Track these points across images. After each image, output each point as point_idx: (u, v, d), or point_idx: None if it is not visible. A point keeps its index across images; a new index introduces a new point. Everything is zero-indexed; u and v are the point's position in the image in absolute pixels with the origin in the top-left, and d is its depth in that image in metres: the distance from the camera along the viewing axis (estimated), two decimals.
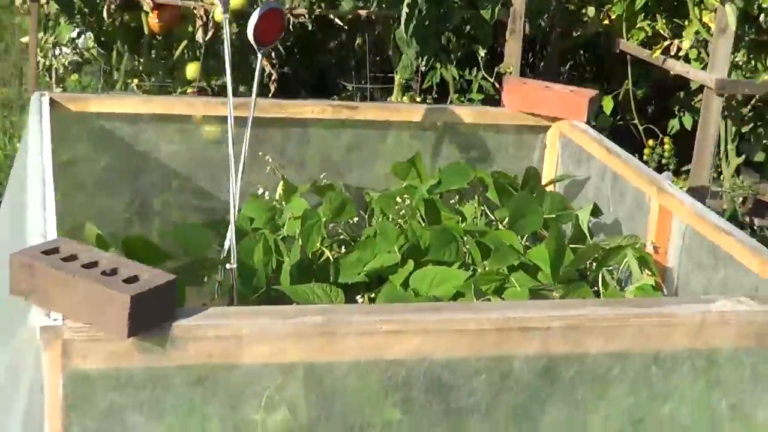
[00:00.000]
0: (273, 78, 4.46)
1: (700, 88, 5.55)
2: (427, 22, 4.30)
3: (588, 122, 3.53)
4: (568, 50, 5.94)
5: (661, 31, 5.50)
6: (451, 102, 4.70)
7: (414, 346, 2.04)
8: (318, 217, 3.05)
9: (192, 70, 4.72)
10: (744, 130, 5.49)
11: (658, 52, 5.04)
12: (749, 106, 5.35)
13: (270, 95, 4.45)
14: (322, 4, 4.58)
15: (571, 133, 3.53)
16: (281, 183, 3.39)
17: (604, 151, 3.32)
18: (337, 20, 4.72)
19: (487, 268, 2.91)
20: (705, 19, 5.16)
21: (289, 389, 1.99)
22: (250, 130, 2.87)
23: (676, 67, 5.02)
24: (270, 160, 3.40)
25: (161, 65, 4.68)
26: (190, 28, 4.61)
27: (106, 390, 1.90)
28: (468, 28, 4.80)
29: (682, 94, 5.98)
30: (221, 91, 4.83)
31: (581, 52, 6.56)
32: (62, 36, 4.61)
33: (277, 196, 3.37)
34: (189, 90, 4.68)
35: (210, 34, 4.43)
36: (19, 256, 1.92)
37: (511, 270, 2.94)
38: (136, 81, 4.74)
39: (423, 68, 4.49)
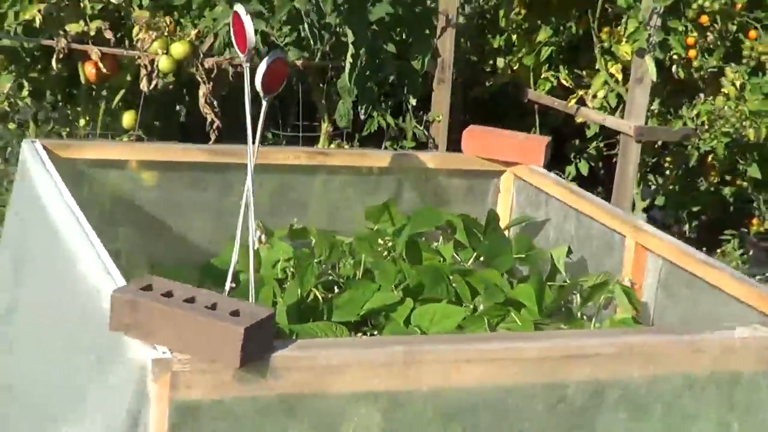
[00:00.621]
0: (215, 126, 4.55)
1: (595, 136, 5.83)
2: (367, 72, 4.46)
3: (543, 166, 3.71)
4: (474, 100, 6.15)
5: (564, 82, 5.75)
6: (385, 148, 4.85)
7: (482, 372, 2.17)
8: (311, 260, 3.16)
9: (128, 118, 4.77)
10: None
11: (573, 101, 5.28)
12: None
13: (211, 143, 4.53)
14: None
15: (529, 177, 3.70)
16: (256, 227, 3.48)
17: (569, 193, 3.50)
18: None
19: (481, 306, 3.05)
20: (612, 69, 5.43)
21: (374, 415, 2.09)
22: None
23: (591, 115, 5.26)
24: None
25: (98, 113, 4.72)
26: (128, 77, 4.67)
27: (210, 419, 1.98)
28: (392, 78, 4.95)
29: (577, 141, 6.24)
30: (149, 140, 4.88)
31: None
32: (2, 85, 4.61)
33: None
34: (125, 138, 4.73)
35: (154, 83, 4.49)
36: (120, 293, 1.99)
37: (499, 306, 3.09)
38: (67, 129, 4.76)
39: (362, 116, 4.63)
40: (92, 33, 4.45)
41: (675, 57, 4.95)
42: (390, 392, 2.11)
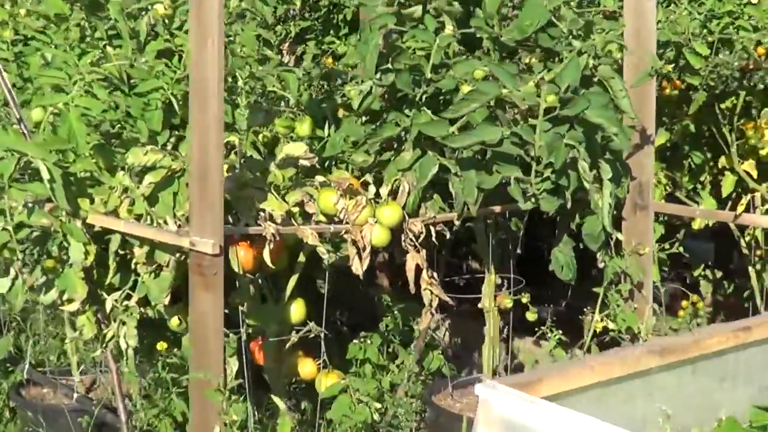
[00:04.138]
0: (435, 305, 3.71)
1: None
2: None
3: None
4: None
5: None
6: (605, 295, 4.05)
7: None
8: None
9: (299, 311, 3.79)
10: None
11: (742, 208, 4.58)
12: None
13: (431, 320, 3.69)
14: None
15: None
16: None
17: None
18: None
19: None
20: (745, 167, 4.85)
21: None
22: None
23: (759, 221, 4.63)
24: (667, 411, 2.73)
25: (269, 309, 3.71)
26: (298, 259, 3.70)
27: None
28: None
29: None
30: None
31: None
32: None
33: None
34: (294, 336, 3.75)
35: (366, 261, 3.54)
36: None
37: None
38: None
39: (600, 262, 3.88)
40: (295, 210, 3.45)
41: None
42: None
